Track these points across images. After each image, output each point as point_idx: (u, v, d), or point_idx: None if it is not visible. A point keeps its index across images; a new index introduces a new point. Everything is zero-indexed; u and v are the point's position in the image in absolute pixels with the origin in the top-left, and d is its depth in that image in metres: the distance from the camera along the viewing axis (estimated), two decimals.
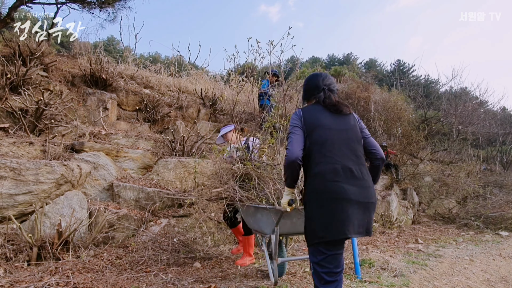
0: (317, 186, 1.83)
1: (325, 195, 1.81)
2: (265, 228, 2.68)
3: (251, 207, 2.79)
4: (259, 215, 2.73)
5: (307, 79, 2.16)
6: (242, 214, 3.11)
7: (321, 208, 1.81)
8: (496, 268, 3.89)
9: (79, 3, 8.20)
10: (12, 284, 2.56)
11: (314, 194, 1.84)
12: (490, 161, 11.67)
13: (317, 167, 1.86)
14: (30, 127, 4.82)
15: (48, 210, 3.47)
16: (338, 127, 1.94)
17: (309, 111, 1.99)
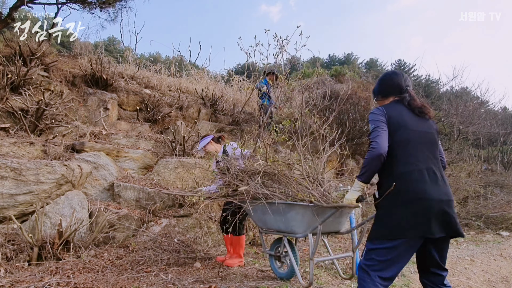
0: (402, 186, 1.81)
1: (410, 195, 1.80)
2: (297, 227, 2.57)
3: (281, 204, 2.57)
4: (292, 214, 2.57)
5: (388, 76, 2.15)
6: (253, 214, 2.90)
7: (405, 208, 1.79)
8: (497, 269, 3.88)
9: (80, 3, 8.20)
10: (12, 284, 2.57)
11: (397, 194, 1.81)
12: (491, 161, 11.65)
13: (401, 167, 1.86)
14: (30, 127, 4.83)
15: (49, 210, 3.47)
16: (422, 129, 1.96)
17: (394, 109, 1.98)
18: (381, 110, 1.98)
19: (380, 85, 2.14)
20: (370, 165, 1.88)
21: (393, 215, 1.82)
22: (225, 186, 3.02)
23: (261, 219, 2.88)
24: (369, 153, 1.85)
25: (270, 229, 2.88)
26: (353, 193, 2.01)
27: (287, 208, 2.60)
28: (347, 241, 4.88)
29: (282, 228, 2.73)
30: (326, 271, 3.38)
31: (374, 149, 1.83)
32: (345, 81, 9.88)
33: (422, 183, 1.81)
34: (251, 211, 2.83)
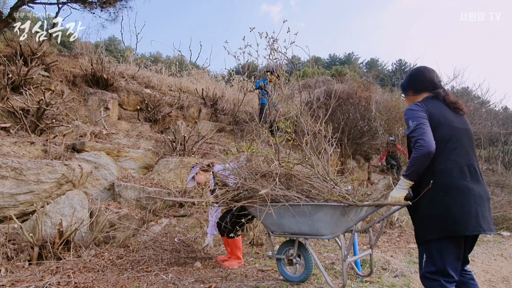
0: (445, 183, 1.81)
1: (454, 191, 1.80)
2: (324, 229, 2.51)
3: (307, 206, 2.47)
4: (320, 215, 2.48)
5: (420, 71, 2.11)
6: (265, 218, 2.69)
7: (451, 205, 1.79)
8: (498, 269, 3.88)
9: (80, 3, 8.20)
10: (13, 284, 2.57)
11: (440, 191, 1.82)
12: (492, 161, 11.63)
13: (443, 164, 1.85)
14: (31, 127, 4.83)
15: (49, 210, 3.48)
16: (460, 126, 1.95)
17: (433, 106, 1.96)
18: (421, 106, 1.94)
19: (411, 81, 2.11)
20: (418, 163, 1.83)
21: (440, 214, 1.81)
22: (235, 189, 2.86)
23: (276, 222, 2.68)
24: (417, 151, 1.81)
25: (286, 232, 2.74)
26: (400, 191, 1.95)
27: (315, 209, 2.49)
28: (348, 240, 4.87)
29: (305, 230, 2.59)
30: (327, 271, 3.38)
31: (422, 147, 1.79)
32: (345, 81, 9.88)
33: (463, 180, 1.82)
34: (261, 215, 2.63)
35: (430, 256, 1.83)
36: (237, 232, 3.33)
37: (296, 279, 2.90)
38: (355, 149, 7.99)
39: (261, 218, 2.73)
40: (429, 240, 1.83)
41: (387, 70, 33.46)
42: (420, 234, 1.88)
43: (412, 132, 1.88)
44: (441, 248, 1.80)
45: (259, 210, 2.57)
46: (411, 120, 1.90)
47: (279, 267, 2.98)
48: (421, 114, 1.90)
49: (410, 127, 1.90)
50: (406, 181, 1.91)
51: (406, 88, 2.13)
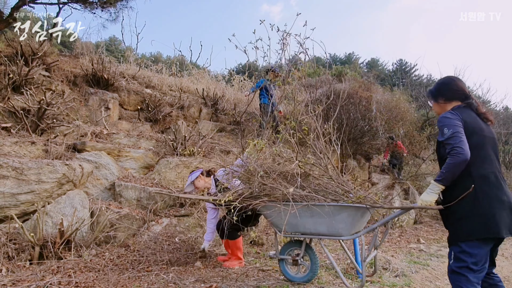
0: (483, 188, 1.94)
1: (491, 196, 1.93)
2: (344, 230, 2.54)
3: (331, 206, 2.49)
4: (343, 216, 2.51)
5: (452, 80, 2.23)
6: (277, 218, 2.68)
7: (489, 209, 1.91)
8: (499, 268, 3.87)
9: (81, 3, 8.21)
10: (14, 283, 2.58)
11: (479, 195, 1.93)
12: None
13: (478, 170, 1.97)
14: (32, 126, 4.84)
15: (50, 210, 3.48)
16: (489, 135, 2.08)
17: (467, 115, 2.07)
18: (456, 115, 2.04)
19: (443, 89, 2.21)
20: (454, 169, 1.92)
21: (478, 216, 1.91)
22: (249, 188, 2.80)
23: (291, 222, 2.63)
24: (453, 158, 1.90)
25: (299, 232, 2.71)
26: (431, 195, 2.02)
27: (338, 210, 2.51)
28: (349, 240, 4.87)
29: (322, 231, 2.59)
30: (327, 271, 3.38)
31: (460, 154, 1.89)
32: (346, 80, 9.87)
33: (498, 185, 1.96)
34: (273, 215, 2.62)
35: (462, 254, 1.94)
36: (236, 234, 3.35)
37: (300, 280, 2.88)
38: (356, 149, 7.98)
39: (271, 218, 2.70)
40: (465, 240, 1.94)
41: (387, 70, 33.43)
42: (457, 235, 1.99)
43: (448, 139, 1.97)
44: (474, 247, 1.91)
45: (283, 211, 2.56)
46: (447, 128, 1.99)
47: (282, 268, 2.95)
48: (457, 123, 1.99)
49: (445, 134, 1.99)
50: (439, 186, 1.99)
51: (436, 96, 2.22)
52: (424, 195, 2.04)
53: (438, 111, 2.23)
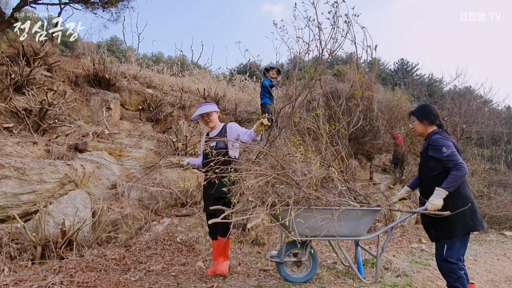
0: (467, 194, 2.49)
1: (472, 200, 2.49)
2: (364, 231, 2.77)
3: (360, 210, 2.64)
4: (369, 219, 2.72)
5: (433, 107, 2.76)
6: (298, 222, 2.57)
7: (473, 210, 2.46)
8: (501, 268, 3.86)
9: (82, 3, 8.23)
10: (16, 283, 2.59)
11: (466, 200, 2.45)
12: (495, 160, 11.58)
13: (464, 181, 2.50)
14: (34, 127, 4.85)
15: (52, 210, 3.49)
16: None
17: (450, 137, 2.59)
18: (447, 138, 2.55)
19: (427, 113, 2.68)
20: (459, 180, 2.41)
21: (467, 216, 2.42)
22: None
23: (312, 226, 2.63)
24: (459, 172, 2.40)
25: (318, 235, 2.66)
26: (440, 199, 2.42)
27: (365, 213, 2.70)
28: (350, 240, 4.87)
29: (344, 233, 2.69)
30: (329, 270, 3.38)
31: (464, 169, 2.40)
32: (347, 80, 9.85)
33: (471, 192, 2.57)
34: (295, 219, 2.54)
35: (454, 247, 2.42)
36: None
37: (301, 280, 2.88)
38: (357, 148, 7.97)
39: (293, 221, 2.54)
40: (460, 235, 2.42)
41: (389, 70, 33.34)
42: (452, 231, 2.43)
43: (448, 157, 2.44)
44: (463, 241, 2.44)
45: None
46: (445, 147, 2.47)
47: (281, 269, 2.91)
48: (452, 144, 2.49)
49: (444, 152, 2.46)
50: (446, 192, 2.41)
51: (422, 118, 2.69)
52: (435, 200, 2.42)
53: (421, 131, 2.72)
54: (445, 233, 2.45)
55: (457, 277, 2.39)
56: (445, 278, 2.47)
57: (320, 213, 2.57)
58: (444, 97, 11.66)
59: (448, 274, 2.43)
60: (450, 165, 2.42)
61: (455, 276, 2.39)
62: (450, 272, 2.41)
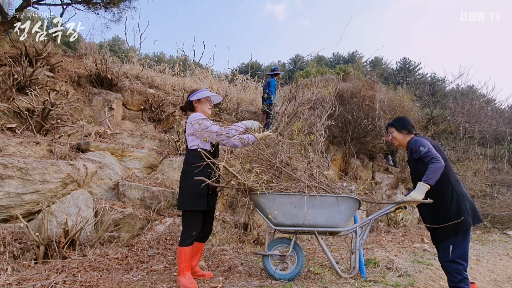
0: (461, 190, 2.61)
1: (467, 196, 2.60)
2: (342, 221, 2.79)
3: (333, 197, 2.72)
4: (343, 207, 2.75)
5: (410, 119, 2.98)
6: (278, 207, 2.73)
7: (470, 205, 2.56)
8: (503, 268, 3.85)
9: (85, 4, 8.26)
10: (19, 282, 2.60)
11: (460, 196, 2.57)
12: (498, 159, 11.52)
13: (453, 176, 2.65)
14: (36, 127, 4.87)
15: (55, 209, 3.51)
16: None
17: (430, 140, 2.76)
18: (426, 139, 2.73)
19: (406, 124, 2.90)
20: (436, 172, 2.52)
21: (466, 211, 2.51)
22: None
23: (291, 213, 2.73)
24: (435, 164, 2.53)
25: (297, 224, 2.74)
26: (420, 194, 2.53)
27: (340, 201, 2.75)
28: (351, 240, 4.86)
29: (321, 222, 2.75)
30: (330, 270, 3.38)
31: (440, 161, 2.53)
32: (349, 79, 9.82)
33: (464, 188, 2.67)
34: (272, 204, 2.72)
35: (459, 246, 2.46)
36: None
37: (285, 276, 2.92)
38: (359, 148, 7.96)
39: (270, 207, 2.76)
40: (462, 231, 2.47)
41: (391, 69, 33.24)
42: (454, 228, 2.48)
43: (426, 153, 2.59)
44: (465, 236, 2.49)
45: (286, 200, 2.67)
46: (422, 146, 2.63)
47: (266, 264, 2.97)
48: (428, 143, 2.66)
49: (422, 150, 2.62)
50: (426, 186, 2.53)
51: (401, 128, 2.90)
52: (414, 193, 2.55)
53: (401, 140, 2.91)
54: (445, 232, 2.52)
55: (463, 278, 2.42)
56: (450, 277, 2.50)
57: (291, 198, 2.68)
58: (447, 96, 11.62)
59: (453, 274, 2.46)
60: (427, 160, 2.58)
61: (460, 277, 2.43)
62: (455, 273, 2.44)
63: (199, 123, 2.86)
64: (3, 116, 4.79)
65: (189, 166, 2.81)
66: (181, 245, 2.76)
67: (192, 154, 2.85)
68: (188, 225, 2.79)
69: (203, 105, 3.19)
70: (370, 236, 5.49)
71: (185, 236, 2.77)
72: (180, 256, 2.75)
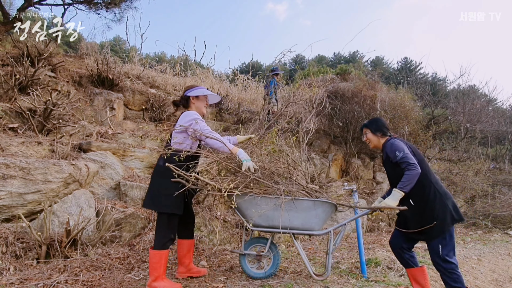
0: (442, 189, 2.62)
1: (448, 193, 2.63)
2: (317, 225, 2.81)
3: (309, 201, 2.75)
4: (319, 211, 2.77)
5: (384, 121, 2.99)
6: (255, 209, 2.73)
7: (452, 203, 2.58)
8: (505, 268, 3.84)
9: (86, 4, 8.28)
10: (22, 282, 2.61)
11: (443, 194, 2.58)
12: (499, 159, 11.51)
13: (433, 177, 2.65)
14: (38, 127, 4.89)
15: (57, 209, 3.52)
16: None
17: (403, 141, 2.79)
18: (402, 141, 2.75)
19: (380, 126, 2.89)
20: (412, 180, 2.53)
21: (449, 209, 2.54)
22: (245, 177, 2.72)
23: (267, 215, 2.75)
24: (411, 171, 2.52)
25: (272, 226, 2.78)
26: (395, 201, 2.56)
27: (317, 205, 2.77)
28: (353, 240, 4.86)
29: (297, 225, 2.76)
30: (332, 270, 3.38)
31: (416, 168, 2.53)
32: (350, 79, 9.81)
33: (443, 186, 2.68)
34: (251, 206, 2.74)
35: (447, 243, 2.50)
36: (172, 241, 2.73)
37: (261, 275, 2.95)
38: (360, 147, 7.96)
39: (249, 210, 2.77)
40: (446, 231, 2.50)
41: (392, 68, 33.21)
42: (441, 227, 2.50)
43: (402, 159, 2.59)
44: (451, 234, 2.53)
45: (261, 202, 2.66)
46: (398, 151, 2.63)
47: (242, 263, 2.99)
48: (404, 147, 2.65)
49: (398, 155, 2.61)
50: (401, 193, 2.54)
51: (376, 130, 2.89)
52: (389, 200, 2.56)
53: (375, 143, 2.91)
54: (432, 231, 2.54)
55: (457, 277, 2.45)
56: (445, 278, 2.51)
57: (267, 201, 2.69)
58: (448, 96, 11.60)
59: (447, 274, 2.48)
60: (403, 166, 2.58)
61: (455, 276, 2.46)
62: (449, 273, 2.47)
63: (196, 120, 2.73)
64: (5, 116, 4.80)
65: (170, 163, 2.59)
66: (160, 248, 2.58)
67: (176, 153, 2.67)
68: (165, 228, 2.64)
69: (200, 103, 2.98)
70: (372, 236, 5.49)
71: (164, 239, 2.61)
72: (160, 260, 2.57)
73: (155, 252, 2.59)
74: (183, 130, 2.74)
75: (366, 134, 2.97)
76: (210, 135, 2.70)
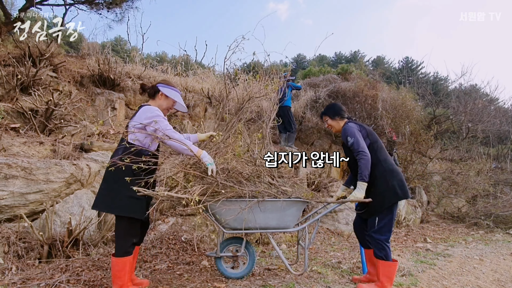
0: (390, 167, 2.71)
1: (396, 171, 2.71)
2: (291, 223, 2.87)
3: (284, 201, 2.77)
4: (293, 210, 2.82)
5: (340, 104, 3.10)
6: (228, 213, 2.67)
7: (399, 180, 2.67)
8: (507, 268, 3.83)
9: (87, 4, 8.30)
10: (24, 281, 2.62)
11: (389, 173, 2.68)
12: (501, 159, 11.48)
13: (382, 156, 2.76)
14: (40, 127, 4.90)
15: (59, 209, 3.53)
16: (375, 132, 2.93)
17: (360, 124, 2.88)
18: (356, 124, 2.85)
19: (337, 110, 3.01)
20: (367, 167, 2.65)
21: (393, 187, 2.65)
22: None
23: (241, 218, 2.70)
24: (362, 160, 2.64)
25: (249, 228, 2.76)
26: (361, 192, 2.64)
27: (290, 205, 2.81)
28: (354, 239, 4.86)
29: (272, 225, 2.81)
30: (333, 270, 3.38)
31: (365, 156, 2.66)
32: (351, 79, 9.80)
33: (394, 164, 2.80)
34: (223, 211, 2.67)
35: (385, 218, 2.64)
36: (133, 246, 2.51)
37: (238, 275, 2.97)
38: None
39: (221, 215, 2.71)
40: (388, 207, 2.63)
41: (393, 68, 33.15)
42: (381, 203, 2.63)
43: (352, 146, 2.72)
44: (391, 210, 2.65)
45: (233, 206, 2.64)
46: (349, 137, 2.74)
47: (218, 265, 3.00)
48: (356, 131, 2.75)
49: (349, 141, 2.74)
50: (365, 183, 2.65)
51: (334, 115, 3.01)
52: (356, 192, 2.64)
53: (337, 127, 3.00)
54: (376, 206, 2.66)
55: (382, 248, 2.62)
56: (374, 249, 2.69)
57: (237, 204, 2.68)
58: (450, 96, 11.59)
59: (375, 245, 2.66)
60: (354, 154, 2.71)
61: (380, 247, 2.63)
62: (377, 243, 2.64)
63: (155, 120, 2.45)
64: (7, 116, 4.82)
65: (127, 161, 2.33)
66: (122, 255, 2.38)
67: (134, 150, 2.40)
68: (126, 234, 2.42)
69: (166, 104, 2.72)
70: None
71: (125, 246, 2.41)
72: (124, 267, 2.39)
73: (118, 259, 2.39)
74: (141, 128, 2.49)
75: (326, 121, 3.07)
76: (173, 136, 2.46)
